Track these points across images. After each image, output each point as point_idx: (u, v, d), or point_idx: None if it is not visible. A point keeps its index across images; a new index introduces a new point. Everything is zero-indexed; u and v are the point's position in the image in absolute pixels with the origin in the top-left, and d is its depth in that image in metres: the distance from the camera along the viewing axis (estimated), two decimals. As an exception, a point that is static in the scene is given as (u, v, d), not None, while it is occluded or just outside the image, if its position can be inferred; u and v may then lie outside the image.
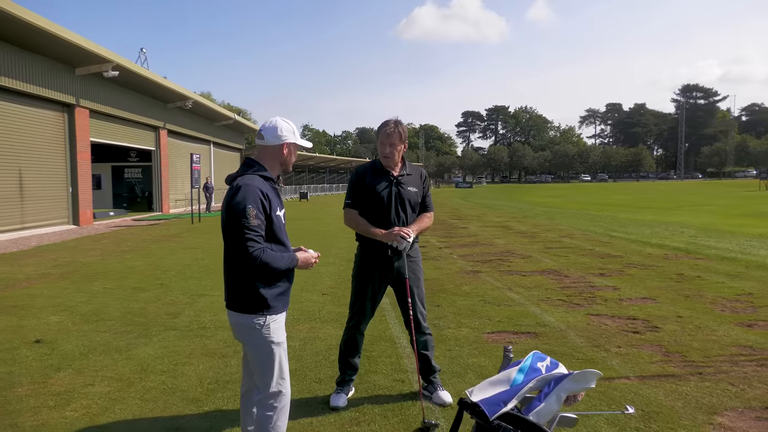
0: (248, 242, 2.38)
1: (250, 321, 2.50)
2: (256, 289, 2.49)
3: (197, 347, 4.84)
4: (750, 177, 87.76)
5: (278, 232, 2.55)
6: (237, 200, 2.44)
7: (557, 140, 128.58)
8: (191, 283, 7.85)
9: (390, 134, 3.44)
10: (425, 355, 3.65)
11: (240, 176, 2.58)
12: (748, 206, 25.04)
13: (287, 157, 2.67)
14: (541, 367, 1.97)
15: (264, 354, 2.54)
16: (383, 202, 3.48)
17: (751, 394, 3.60)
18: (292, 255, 2.57)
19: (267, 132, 2.63)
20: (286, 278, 2.59)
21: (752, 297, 6.45)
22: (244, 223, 2.39)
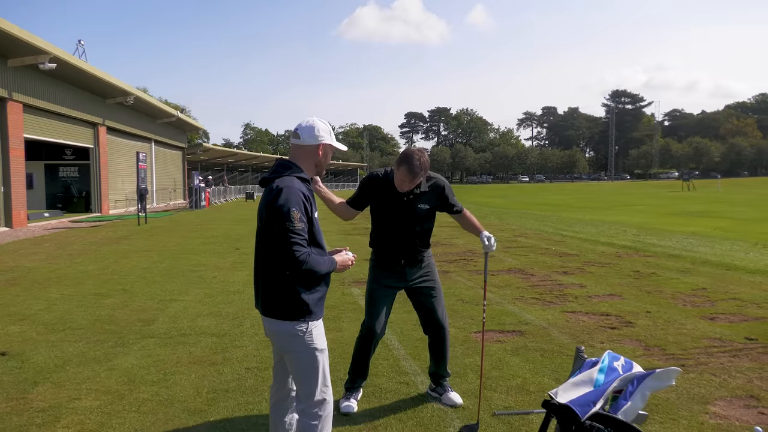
0: (294, 246, 2.29)
1: (292, 328, 2.41)
2: (298, 294, 2.40)
3: (183, 355, 4.66)
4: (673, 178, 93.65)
5: (317, 236, 2.49)
6: (280, 203, 2.33)
7: (497, 142, 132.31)
8: (156, 287, 7.52)
9: (413, 175, 3.29)
10: (443, 362, 3.68)
11: (278, 177, 2.46)
12: (674, 206, 26.73)
13: (322, 158, 2.58)
14: (617, 367, 2.05)
15: (307, 362, 2.46)
16: (392, 219, 3.46)
17: (734, 383, 3.87)
18: (332, 258, 2.49)
19: (304, 131, 2.54)
20: (324, 282, 2.53)
21: (707, 292, 6.90)
22: (288, 226, 2.30)
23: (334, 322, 5.64)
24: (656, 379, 1.99)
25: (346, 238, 13.87)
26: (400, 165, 3.31)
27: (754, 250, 10.67)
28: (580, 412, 1.83)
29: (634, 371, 2.04)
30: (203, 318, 5.85)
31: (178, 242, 13.02)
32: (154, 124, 30.52)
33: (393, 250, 3.51)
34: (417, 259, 3.54)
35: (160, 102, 32.57)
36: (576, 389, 1.95)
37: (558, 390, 1.98)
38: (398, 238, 3.48)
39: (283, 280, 2.42)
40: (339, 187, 77.05)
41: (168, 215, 23.59)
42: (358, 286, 7.45)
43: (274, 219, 2.34)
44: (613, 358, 2.10)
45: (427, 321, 3.64)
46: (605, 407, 1.95)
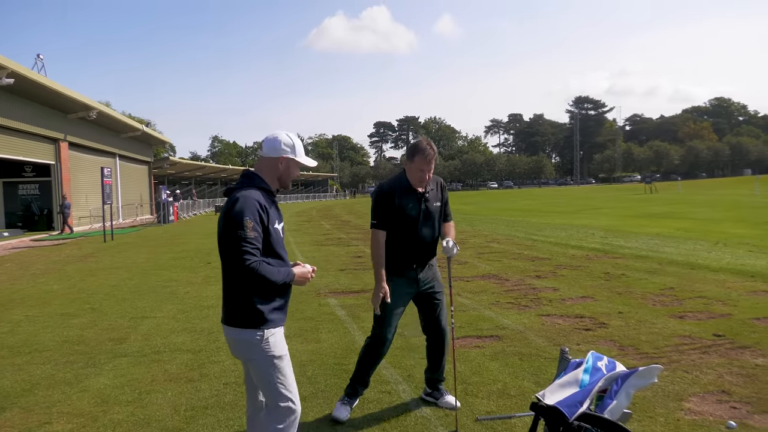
0: (245, 254, 2.34)
1: (248, 336, 2.44)
2: (254, 302, 2.44)
3: (158, 373, 4.54)
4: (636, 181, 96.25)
5: (276, 246, 2.51)
6: (234, 212, 2.40)
7: (465, 149, 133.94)
8: (126, 305, 7.33)
9: (429, 161, 3.36)
10: (441, 367, 3.70)
11: (238, 188, 2.53)
12: (638, 208, 27.45)
13: (284, 172, 2.62)
14: (601, 367, 2.09)
15: (266, 368, 2.48)
16: (412, 221, 3.45)
17: (705, 379, 3.98)
18: (288, 270, 2.51)
19: (266, 144, 2.62)
20: (283, 292, 2.55)
21: (674, 291, 7.10)
22: (240, 234, 2.35)
23: (312, 333, 5.59)
24: (639, 377, 2.04)
25: (319, 248, 13.79)
26: (414, 155, 3.37)
27: (716, 249, 11.03)
28: (567, 413, 1.87)
29: (617, 370, 2.09)
30: (177, 334, 5.73)
31: (147, 258, 12.73)
32: (119, 139, 29.88)
33: (407, 255, 3.50)
34: (428, 264, 3.58)
35: (124, 116, 31.92)
36: (562, 390, 1.99)
37: (545, 392, 2.02)
38: (416, 242, 3.47)
39: (240, 289, 2.45)
40: (309, 198, 76.66)
41: (135, 231, 23.05)
42: (334, 297, 7.41)
43: (228, 227, 2.40)
44: (596, 358, 2.15)
45: (431, 325, 3.67)
46: (591, 407, 1.99)
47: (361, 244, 14.58)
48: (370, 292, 7.56)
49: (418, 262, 3.51)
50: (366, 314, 6.36)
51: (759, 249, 10.78)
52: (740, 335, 5.04)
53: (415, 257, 3.50)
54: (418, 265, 3.52)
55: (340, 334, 5.53)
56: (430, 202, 3.52)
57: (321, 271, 9.87)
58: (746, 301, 6.38)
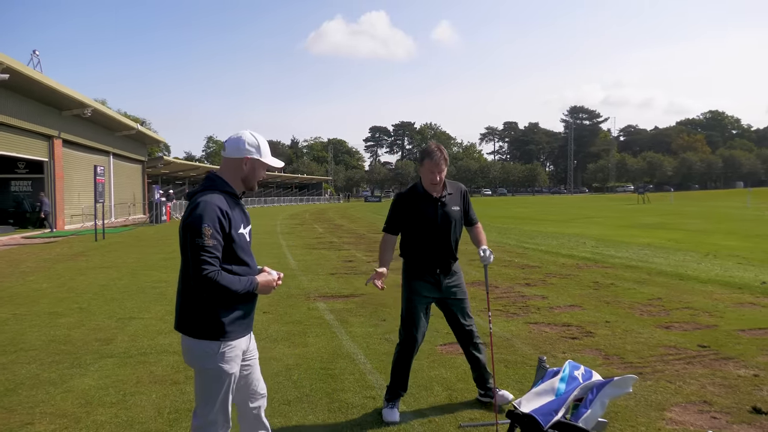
0: (203, 264, 2.23)
1: (203, 347, 2.35)
2: (212, 313, 2.34)
3: (143, 375, 4.53)
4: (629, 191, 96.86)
5: (240, 252, 2.41)
6: (192, 219, 2.29)
7: (460, 156, 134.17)
8: (115, 305, 7.30)
9: (438, 163, 3.47)
10: (482, 365, 3.77)
11: (200, 192, 2.43)
12: (631, 218, 27.60)
13: (248, 174, 2.50)
14: (578, 376, 2.11)
15: (211, 381, 2.39)
16: (431, 226, 3.56)
17: (688, 390, 4.01)
18: (252, 278, 2.40)
19: (229, 144, 2.50)
20: (246, 302, 2.44)
21: (662, 301, 7.15)
22: (198, 243, 2.24)
23: (300, 337, 5.59)
24: (614, 386, 2.06)
25: (311, 252, 13.78)
26: (423, 159, 3.51)
27: (705, 260, 11.11)
28: (542, 421, 1.88)
29: (593, 380, 2.11)
30: (164, 336, 5.71)
31: (138, 258, 12.68)
32: (113, 137, 29.76)
33: (429, 259, 3.60)
34: (451, 269, 3.66)
35: (119, 114, 31.81)
36: (538, 399, 2.01)
37: (521, 400, 2.03)
38: (436, 246, 3.59)
39: (198, 297, 2.34)
40: (304, 201, 76.59)
41: (127, 230, 22.95)
42: (324, 301, 7.41)
43: (187, 235, 2.31)
44: (573, 367, 2.17)
45: (460, 333, 3.75)
46: (567, 415, 2.01)
47: (353, 248, 14.59)
48: (360, 296, 7.62)
49: (441, 267, 3.62)
50: (354, 319, 6.37)
51: (748, 261, 10.87)
52: (725, 346, 5.08)
53: (437, 261, 3.62)
54: (441, 270, 3.62)
55: (328, 338, 5.53)
56: (448, 206, 3.61)
57: (311, 274, 9.87)
58: (732, 313, 6.43)
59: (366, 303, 7.26)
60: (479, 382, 3.85)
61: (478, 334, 3.81)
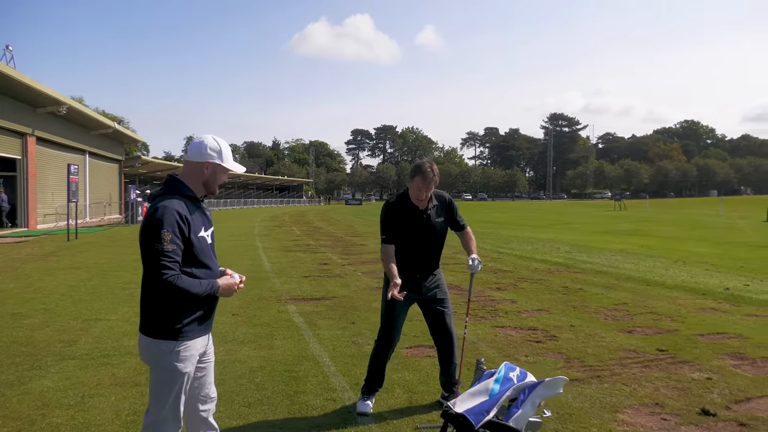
0: (162, 269, 2.27)
1: (159, 346, 2.39)
2: (169, 314, 2.38)
3: (104, 377, 4.49)
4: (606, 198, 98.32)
5: (200, 255, 2.44)
6: (151, 223, 2.32)
7: (441, 160, 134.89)
8: (82, 306, 7.20)
9: (429, 183, 3.57)
10: (453, 370, 3.84)
11: (160, 195, 2.45)
12: (607, 224, 28.06)
13: (209, 178, 2.53)
14: (513, 377, 2.17)
15: (164, 380, 2.42)
16: (415, 237, 3.70)
17: (642, 392, 4.12)
18: (212, 282, 2.44)
19: (191, 147, 2.54)
20: (205, 304, 2.47)
21: (627, 306, 7.30)
22: (158, 247, 2.28)
23: (266, 339, 5.58)
24: (545, 387, 2.12)
25: (286, 254, 13.74)
26: (414, 176, 3.60)
27: (674, 266, 11.36)
28: (474, 421, 1.94)
29: (526, 381, 2.17)
30: (130, 338, 5.65)
31: (110, 259, 12.50)
32: (89, 136, 29.30)
33: (410, 266, 3.72)
34: (431, 274, 3.78)
35: (96, 112, 31.35)
36: (472, 399, 2.06)
37: (456, 401, 2.09)
38: (418, 254, 3.72)
39: (157, 298, 2.38)
40: (284, 203, 76.23)
41: (101, 230, 22.61)
42: (294, 303, 7.41)
43: (146, 239, 2.34)
44: (509, 369, 2.23)
45: (439, 332, 3.84)
46: (499, 416, 2.06)
47: (329, 251, 14.59)
48: (332, 299, 7.63)
49: (420, 273, 3.74)
50: (323, 322, 6.38)
51: (715, 268, 11.15)
52: (682, 350, 5.21)
53: (418, 268, 3.75)
54: (421, 275, 3.74)
55: (295, 341, 5.54)
56: (433, 218, 3.73)
57: (284, 277, 9.85)
58: (694, 318, 6.59)
59: (337, 306, 7.27)
60: (446, 385, 3.91)
61: (456, 337, 3.88)
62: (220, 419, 3.56)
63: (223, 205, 60.99)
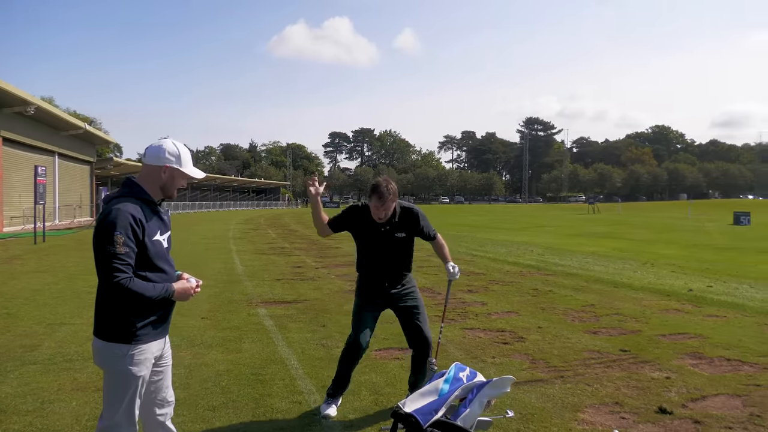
0: (114, 272, 2.25)
1: (113, 349, 2.37)
2: (123, 317, 2.36)
3: (66, 382, 4.40)
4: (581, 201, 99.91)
5: (155, 259, 2.42)
6: (104, 226, 2.30)
7: (419, 164, 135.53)
8: (46, 310, 7.04)
9: (384, 201, 3.59)
10: (423, 375, 3.82)
11: (116, 198, 2.43)
12: (580, 227, 28.55)
13: (167, 182, 2.51)
14: (462, 377, 2.20)
15: (118, 384, 2.40)
16: (374, 249, 3.77)
17: (603, 392, 4.21)
18: (167, 285, 2.42)
19: (149, 151, 2.52)
20: (159, 308, 2.45)
21: (594, 308, 7.44)
22: (110, 250, 2.26)
23: (234, 343, 5.54)
24: (493, 387, 2.17)
25: (260, 257, 13.65)
26: (371, 196, 3.64)
27: (643, 269, 11.62)
28: (422, 420, 1.96)
29: (475, 380, 2.21)
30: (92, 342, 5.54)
31: (78, 262, 12.25)
32: (59, 137, 28.66)
33: (377, 275, 3.79)
34: (400, 282, 3.81)
35: (67, 113, 30.69)
36: (422, 399, 2.09)
37: (406, 401, 2.11)
38: (381, 264, 3.77)
39: (111, 303, 2.37)
40: (260, 206, 75.62)
41: (71, 233, 22.13)
42: (265, 306, 7.37)
43: (98, 241, 2.31)
44: (459, 369, 2.27)
45: (414, 337, 3.84)
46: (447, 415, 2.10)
47: (303, 254, 14.53)
48: (303, 302, 7.61)
49: (389, 281, 3.79)
50: (293, 324, 6.36)
51: (682, 270, 11.43)
52: (644, 350, 5.34)
53: (384, 276, 3.80)
54: (389, 283, 3.79)
55: (263, 344, 5.51)
56: (391, 233, 3.74)
57: (257, 280, 9.79)
58: (657, 319, 6.76)
59: (308, 309, 7.26)
60: (413, 386, 3.90)
61: (431, 343, 3.89)
62: (183, 423, 3.54)
63: (199, 208, 60.25)
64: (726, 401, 4.02)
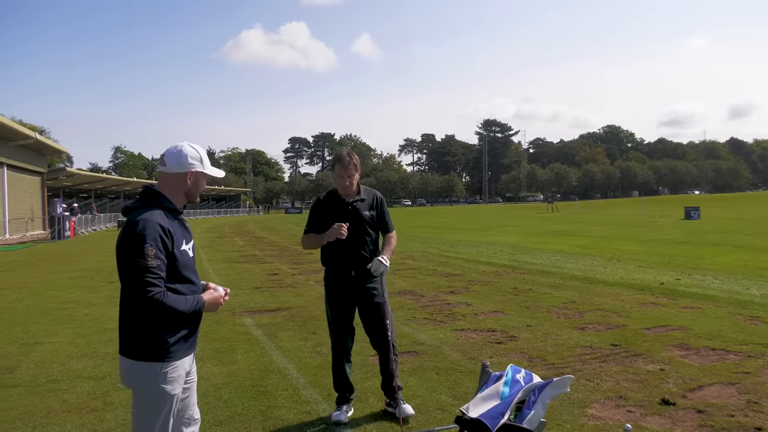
0: (147, 286, 2.14)
1: (145, 369, 2.25)
2: (155, 334, 2.24)
3: (54, 404, 4.18)
4: (539, 201, 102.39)
5: (184, 270, 2.33)
6: (133, 238, 2.19)
7: (380, 167, 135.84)
8: (17, 330, 6.69)
9: (347, 167, 3.62)
10: (392, 375, 3.79)
11: (138, 209, 2.32)
12: (541, 226, 29.23)
13: (192, 187, 2.44)
14: (520, 379, 2.20)
15: (152, 405, 2.28)
16: None
17: (605, 386, 4.30)
18: (198, 297, 2.34)
19: (170, 158, 2.40)
20: (191, 321, 2.36)
21: (576, 304, 7.61)
22: (141, 263, 2.15)
23: (227, 354, 5.40)
24: (554, 387, 2.18)
25: (232, 266, 13.37)
26: (334, 166, 3.67)
27: (610, 264, 11.97)
28: (490, 425, 1.96)
29: (534, 382, 2.22)
30: (77, 360, 5.31)
31: (40, 278, 11.70)
32: (7, 147, 27.31)
33: (343, 262, 3.70)
34: (365, 270, 3.70)
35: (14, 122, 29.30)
36: (485, 403, 2.08)
37: (468, 405, 2.10)
38: (347, 248, 3.66)
39: (140, 318, 2.25)
40: (221, 214, 74.17)
41: (25, 247, 21.13)
42: (250, 316, 7.22)
43: (127, 255, 2.20)
44: (515, 371, 2.28)
45: (376, 337, 3.80)
46: (511, 417, 2.10)
47: (276, 261, 14.33)
48: (287, 310, 7.50)
49: (355, 269, 3.70)
50: (283, 333, 6.25)
51: (647, 264, 11.83)
52: (633, 344, 5.49)
53: (350, 262, 3.70)
54: (355, 272, 3.70)
55: (257, 354, 5.39)
56: (360, 210, 3.74)
57: (235, 289, 9.58)
58: (638, 313, 6.96)
59: (294, 316, 7.15)
60: (388, 390, 3.86)
61: (395, 344, 3.85)
62: (193, 441, 3.41)
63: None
64: (722, 390, 4.17)
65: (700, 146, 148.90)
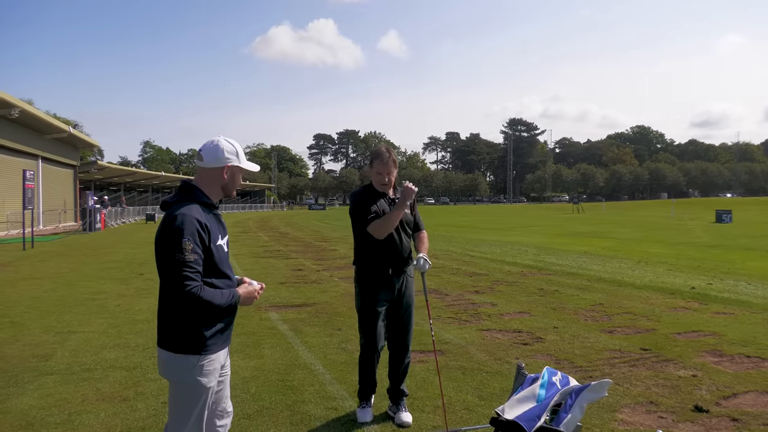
0: (185, 280, 2.19)
1: (182, 361, 2.30)
2: (192, 327, 2.29)
3: (89, 392, 4.30)
4: (564, 201, 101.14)
5: (220, 264, 2.37)
6: (171, 233, 2.23)
7: (404, 165, 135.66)
8: (51, 319, 6.88)
9: (386, 164, 3.59)
10: (401, 379, 3.78)
11: (176, 203, 2.36)
12: (567, 227, 28.83)
13: (228, 181, 2.47)
14: (556, 382, 2.18)
15: (188, 397, 2.33)
16: None
17: (635, 391, 4.23)
18: (233, 291, 2.38)
19: (207, 153, 2.44)
20: (226, 315, 2.40)
21: (603, 306, 7.50)
22: (179, 258, 2.19)
23: (254, 348, 5.47)
24: (591, 391, 2.16)
25: (257, 261, 13.52)
26: (373, 161, 3.61)
27: (638, 267, 11.75)
28: (527, 427, 1.95)
29: (571, 385, 2.20)
30: (109, 350, 5.44)
31: (73, 268, 12.01)
32: (42, 140, 28.12)
33: (381, 260, 3.61)
34: (403, 270, 3.68)
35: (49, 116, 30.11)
36: (521, 405, 2.07)
37: (504, 407, 2.09)
38: (389, 244, 3.60)
39: (178, 311, 2.30)
40: (246, 209, 75.03)
41: (58, 238, 21.70)
42: (276, 311, 7.29)
43: (166, 249, 2.24)
44: (551, 373, 2.25)
45: (396, 338, 3.76)
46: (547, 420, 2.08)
47: (301, 256, 14.44)
48: (313, 306, 7.55)
49: (393, 268, 3.63)
50: (309, 329, 6.30)
51: (676, 268, 11.58)
52: (664, 349, 5.39)
53: (390, 261, 3.63)
54: (393, 271, 3.64)
55: (284, 349, 5.45)
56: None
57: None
58: (668, 317, 6.83)
59: (319, 312, 7.20)
60: (394, 395, 3.82)
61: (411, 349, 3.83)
62: (222, 433, 3.47)
63: (183, 211, 59.52)
64: (757, 398, 4.07)
65: (733, 148, 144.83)
